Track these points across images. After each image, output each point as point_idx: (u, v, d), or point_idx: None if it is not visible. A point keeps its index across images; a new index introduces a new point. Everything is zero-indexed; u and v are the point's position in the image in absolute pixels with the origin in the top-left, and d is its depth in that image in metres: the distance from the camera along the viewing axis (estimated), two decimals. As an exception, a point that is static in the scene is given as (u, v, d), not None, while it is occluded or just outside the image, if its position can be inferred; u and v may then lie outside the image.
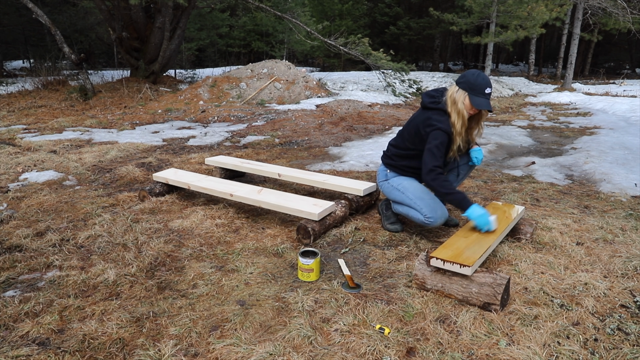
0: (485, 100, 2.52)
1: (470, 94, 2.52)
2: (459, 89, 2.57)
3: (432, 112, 2.64)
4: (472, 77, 2.53)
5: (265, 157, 5.13)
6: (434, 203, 2.65)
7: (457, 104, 2.56)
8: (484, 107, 2.52)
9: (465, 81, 2.54)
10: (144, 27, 11.55)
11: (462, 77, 2.58)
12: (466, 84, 2.53)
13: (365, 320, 1.95)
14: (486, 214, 2.42)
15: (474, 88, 2.51)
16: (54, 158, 4.84)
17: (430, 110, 2.67)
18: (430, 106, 2.66)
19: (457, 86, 2.58)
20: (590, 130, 6.82)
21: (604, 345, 1.79)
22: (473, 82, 2.52)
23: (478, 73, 2.55)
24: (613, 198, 3.63)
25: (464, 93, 2.54)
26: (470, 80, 2.52)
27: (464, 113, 2.57)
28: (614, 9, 12.67)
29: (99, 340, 1.84)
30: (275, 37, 21.41)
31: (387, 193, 2.91)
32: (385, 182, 2.93)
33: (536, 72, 19.30)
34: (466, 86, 2.53)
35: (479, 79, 2.51)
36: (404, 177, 2.86)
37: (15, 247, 2.72)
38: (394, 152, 2.90)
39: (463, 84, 2.55)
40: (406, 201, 2.75)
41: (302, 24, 12.20)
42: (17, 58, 19.01)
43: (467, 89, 2.53)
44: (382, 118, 7.85)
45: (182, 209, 3.36)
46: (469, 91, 2.53)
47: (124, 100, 9.58)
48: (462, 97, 2.55)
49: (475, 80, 2.51)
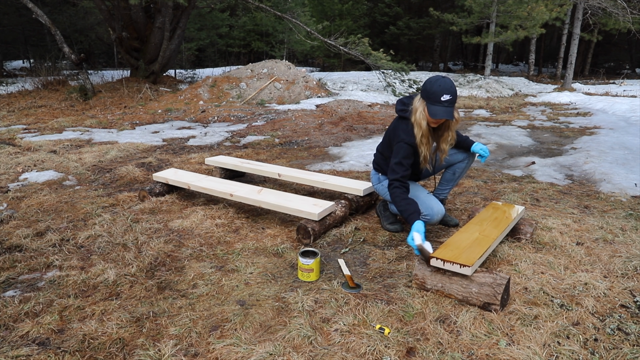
0: (442, 108, 2.36)
1: (427, 102, 2.41)
2: (420, 97, 2.47)
3: (401, 122, 2.61)
4: (429, 85, 2.39)
5: (265, 157, 5.13)
6: (430, 200, 2.65)
7: (416, 114, 2.47)
8: (440, 117, 2.38)
9: (423, 89, 2.42)
10: (144, 27, 11.56)
11: (423, 84, 2.46)
12: (424, 92, 2.42)
13: (365, 320, 1.95)
14: (422, 234, 2.19)
15: (429, 97, 2.38)
16: (54, 158, 4.84)
17: (400, 119, 2.64)
18: (399, 114, 2.64)
19: (419, 94, 2.49)
20: (590, 130, 6.82)
21: (604, 345, 1.79)
22: (429, 90, 2.38)
23: (437, 79, 2.39)
24: (613, 198, 3.63)
25: (423, 102, 2.44)
26: (427, 88, 2.39)
27: (422, 123, 2.45)
28: (614, 9, 12.67)
29: (99, 340, 1.84)
30: (275, 37, 21.41)
31: (383, 194, 2.91)
32: (379, 184, 2.93)
33: (536, 72, 19.30)
34: (424, 94, 2.42)
35: (434, 86, 2.36)
36: None
37: (15, 247, 2.72)
38: (379, 157, 2.90)
39: (422, 92, 2.44)
40: None
41: (302, 24, 12.21)
42: (17, 58, 19.02)
43: (425, 98, 2.42)
44: (382, 118, 7.85)
45: (182, 209, 3.36)
46: (426, 100, 2.41)
47: (124, 100, 9.58)
48: (421, 106, 2.45)
49: (431, 88, 2.37)
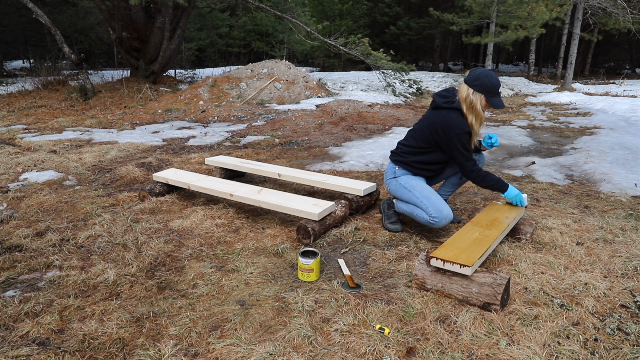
0: (501, 100, 2.65)
1: (487, 96, 2.62)
2: (474, 91, 2.63)
3: (448, 112, 2.68)
4: (487, 80, 2.60)
5: (265, 157, 5.13)
6: (441, 204, 2.66)
7: (476, 106, 2.63)
8: (502, 107, 2.65)
9: (481, 84, 2.61)
10: (144, 27, 11.55)
11: (475, 80, 2.62)
12: (482, 87, 2.61)
13: (365, 320, 1.95)
14: (519, 194, 2.78)
15: (490, 90, 2.61)
16: (54, 158, 4.84)
17: (445, 109, 2.70)
18: (444, 106, 2.69)
19: (471, 88, 2.63)
20: (590, 130, 6.82)
21: (604, 345, 1.79)
22: (489, 85, 2.60)
23: (491, 74, 2.62)
24: (613, 198, 3.63)
25: (480, 95, 2.62)
26: (486, 83, 2.60)
27: (482, 114, 2.67)
28: (614, 9, 12.66)
29: (99, 340, 1.84)
30: (275, 37, 21.42)
31: (394, 191, 2.91)
32: (393, 179, 2.92)
33: (536, 72, 19.29)
34: (482, 89, 2.61)
35: (493, 81, 2.60)
36: (413, 177, 2.88)
37: (15, 247, 2.72)
38: (405, 150, 2.92)
39: (478, 87, 2.61)
40: (412, 199, 2.75)
41: (302, 24, 12.20)
42: (17, 58, 19.02)
43: (484, 92, 2.62)
44: (382, 118, 7.85)
45: (182, 209, 3.36)
46: (486, 93, 2.62)
47: (124, 100, 9.58)
48: (479, 99, 2.63)
49: (490, 83, 2.60)
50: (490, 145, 2.88)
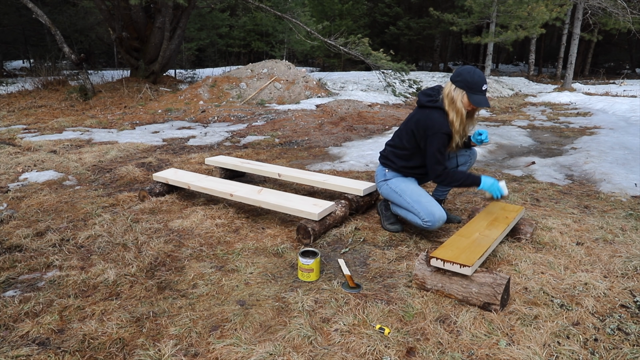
0: (483, 97, 2.54)
1: (468, 92, 2.53)
2: (455, 87, 2.57)
3: (430, 111, 2.64)
4: (468, 76, 2.53)
5: (265, 157, 5.13)
6: (432, 206, 2.63)
7: (456, 103, 2.56)
8: (484, 105, 2.54)
9: (462, 80, 2.54)
10: (144, 27, 11.55)
11: (457, 76, 2.57)
12: (463, 83, 2.54)
13: (365, 320, 1.95)
14: (495, 182, 2.64)
15: (471, 87, 2.52)
16: (54, 158, 4.84)
17: (427, 108, 2.66)
18: (428, 105, 2.66)
19: (453, 84, 2.58)
20: (590, 130, 6.82)
21: (604, 345, 1.79)
22: (470, 81, 2.52)
23: (474, 70, 2.55)
24: (613, 198, 3.63)
25: (462, 92, 2.55)
26: (467, 79, 2.53)
27: (463, 111, 2.58)
28: (614, 9, 12.67)
29: (99, 340, 1.84)
30: (275, 37, 21.41)
31: (386, 195, 2.91)
32: (383, 182, 2.91)
33: (536, 72, 19.30)
34: (463, 85, 2.54)
35: (475, 77, 2.52)
36: (402, 179, 2.86)
37: (15, 247, 2.72)
38: (391, 151, 2.90)
39: (460, 82, 2.55)
40: (404, 204, 2.75)
41: (302, 24, 12.19)
42: (17, 58, 19.01)
43: (465, 88, 2.54)
44: (382, 118, 7.85)
45: (182, 209, 3.36)
46: (467, 90, 2.53)
47: (124, 100, 9.58)
48: (460, 95, 2.55)
49: (472, 79, 2.52)
50: (480, 142, 2.84)
